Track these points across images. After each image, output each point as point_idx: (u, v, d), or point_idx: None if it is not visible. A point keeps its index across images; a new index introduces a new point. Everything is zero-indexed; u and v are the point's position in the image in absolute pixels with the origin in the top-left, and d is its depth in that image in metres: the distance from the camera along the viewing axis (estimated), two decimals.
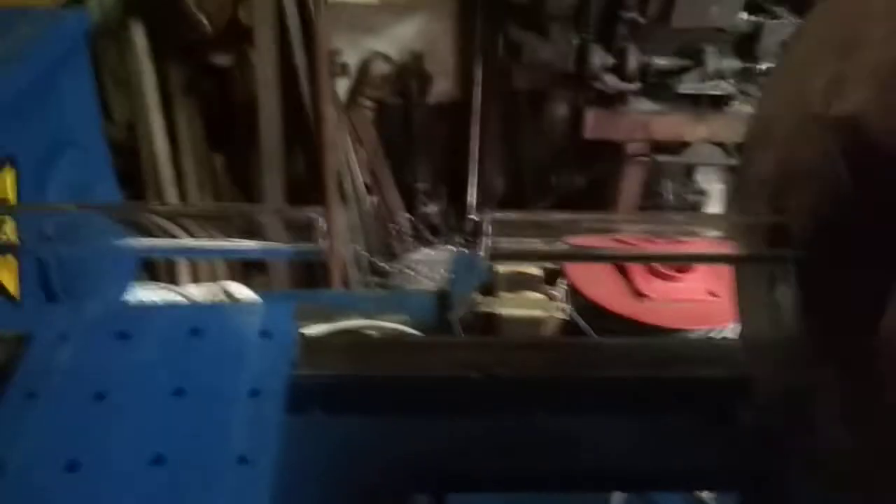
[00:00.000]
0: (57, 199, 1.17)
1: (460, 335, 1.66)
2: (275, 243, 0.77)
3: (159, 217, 0.79)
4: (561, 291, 1.72)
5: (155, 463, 0.64)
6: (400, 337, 1.61)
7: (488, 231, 0.62)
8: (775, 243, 0.61)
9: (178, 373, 0.72)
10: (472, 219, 3.16)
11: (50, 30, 1.19)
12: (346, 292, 2.84)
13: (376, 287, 3.02)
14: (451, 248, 3.14)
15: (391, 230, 3.15)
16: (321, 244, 0.67)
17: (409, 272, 3.06)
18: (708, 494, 1.26)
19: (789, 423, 0.68)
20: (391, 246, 3.16)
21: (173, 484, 0.63)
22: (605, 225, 0.71)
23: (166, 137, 2.88)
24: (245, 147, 2.97)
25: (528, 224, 0.69)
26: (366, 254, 3.05)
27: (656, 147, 2.75)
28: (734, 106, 2.64)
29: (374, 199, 3.11)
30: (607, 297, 1.66)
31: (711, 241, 0.73)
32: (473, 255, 0.69)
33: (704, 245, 0.75)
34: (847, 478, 0.60)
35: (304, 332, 0.86)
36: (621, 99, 2.63)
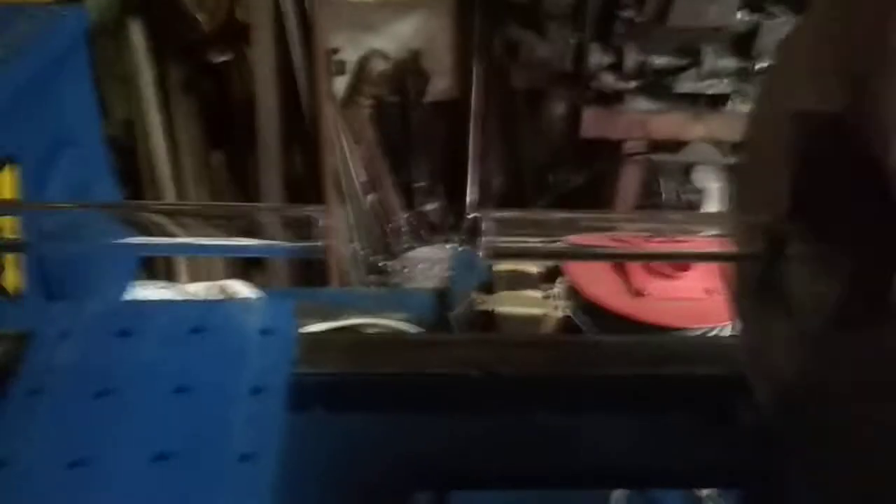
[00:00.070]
0: (57, 198, 1.17)
1: (460, 333, 1.67)
2: (275, 241, 0.77)
3: (159, 216, 0.79)
4: (560, 290, 1.73)
5: (158, 460, 0.64)
6: (400, 335, 1.61)
7: (487, 230, 0.62)
8: (771, 241, 0.61)
9: (179, 370, 0.72)
10: (471, 217, 3.17)
11: (49, 27, 1.19)
12: (346, 290, 2.85)
13: (375, 285, 3.03)
14: (450, 247, 3.14)
15: (390, 228, 3.16)
16: (322, 243, 0.68)
17: (408, 270, 3.06)
18: (708, 492, 1.27)
19: (788, 422, 0.69)
20: (390, 244, 3.16)
21: (176, 481, 0.63)
22: (604, 224, 0.72)
23: (164, 135, 2.88)
24: (243, 145, 2.97)
25: (526, 223, 0.69)
26: (364, 252, 3.06)
27: (654, 146, 2.75)
28: (732, 105, 2.65)
29: (372, 197, 3.11)
30: (606, 295, 1.66)
31: (710, 240, 0.73)
32: (472, 253, 0.69)
33: (703, 244, 0.75)
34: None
35: (304, 330, 0.86)
36: (619, 98, 2.64)
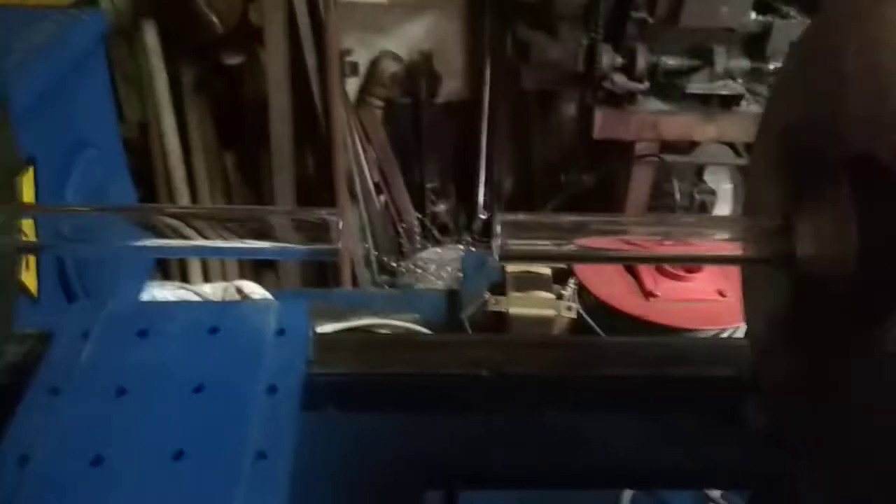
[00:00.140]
0: (75, 199, 1.19)
1: (471, 334, 1.68)
2: (289, 244, 0.78)
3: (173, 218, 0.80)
4: (571, 291, 1.74)
5: (176, 457, 0.65)
6: (411, 335, 1.62)
7: (500, 233, 0.63)
8: (781, 246, 0.62)
9: (197, 370, 0.73)
10: (482, 218, 3.18)
11: (68, 31, 1.21)
12: (357, 291, 2.86)
13: (386, 286, 3.04)
14: (461, 247, 3.15)
15: (401, 229, 3.17)
16: (339, 245, 0.69)
17: (419, 271, 3.07)
18: (717, 492, 1.27)
19: (795, 423, 0.69)
20: (401, 245, 3.17)
21: (193, 477, 0.64)
22: (615, 227, 0.72)
23: (178, 136, 2.90)
24: (256, 146, 2.99)
25: (539, 226, 0.70)
26: (376, 253, 3.07)
27: (665, 147, 2.75)
28: (743, 106, 2.65)
29: (383, 198, 3.12)
30: (616, 296, 1.67)
31: (720, 243, 0.74)
32: (483, 254, 0.70)
33: (713, 246, 0.75)
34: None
35: (316, 330, 0.88)
36: (630, 99, 2.64)
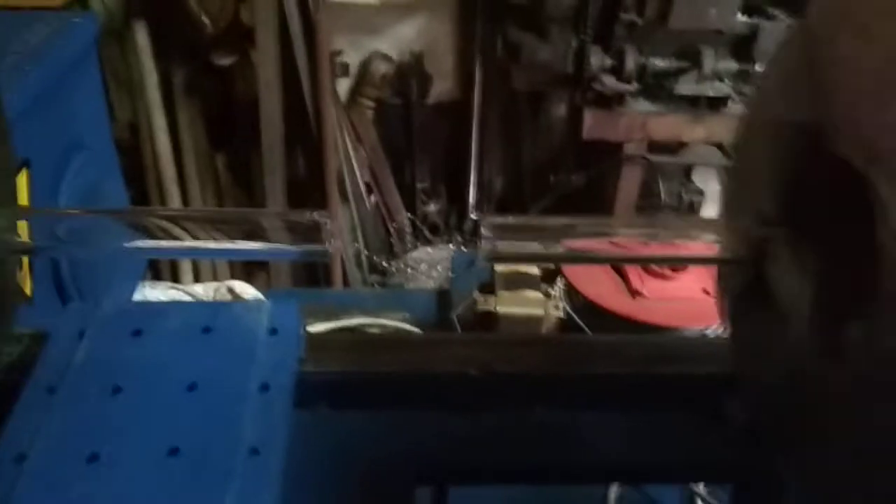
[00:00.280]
0: (68, 199, 1.20)
1: (460, 333, 1.69)
2: (280, 245, 0.79)
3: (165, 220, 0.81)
4: (559, 290, 1.75)
5: (170, 454, 0.67)
6: (401, 335, 1.64)
7: (486, 234, 0.65)
8: (758, 244, 0.64)
9: (190, 369, 0.75)
10: (473, 218, 3.19)
11: (62, 34, 1.22)
12: (348, 291, 2.87)
13: (377, 286, 3.05)
14: (451, 247, 3.16)
15: (391, 229, 3.18)
16: (329, 246, 0.70)
17: (410, 271, 3.08)
18: (703, 487, 1.29)
19: (775, 418, 0.71)
20: (392, 245, 3.18)
21: (188, 474, 0.66)
22: (602, 229, 0.74)
23: (169, 137, 2.91)
24: (246, 146, 3.00)
25: (523, 227, 0.72)
26: (367, 253, 3.08)
27: (654, 147, 2.77)
28: (731, 107, 2.67)
29: (374, 198, 3.13)
30: (604, 295, 1.69)
31: (703, 244, 0.76)
32: (473, 254, 0.71)
33: (696, 247, 0.77)
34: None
35: (308, 330, 0.89)
36: (619, 100, 2.65)
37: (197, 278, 2.88)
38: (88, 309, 0.82)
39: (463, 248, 3.10)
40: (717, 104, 2.66)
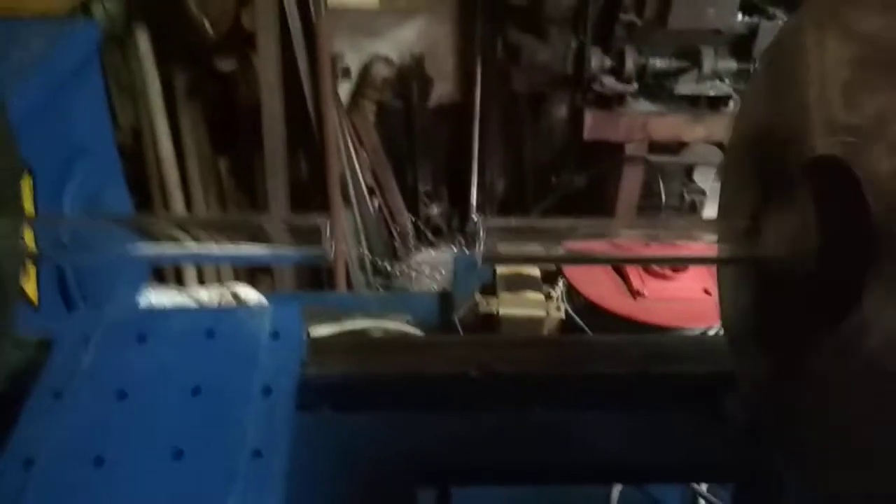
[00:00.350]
0: (72, 206, 1.21)
1: (462, 335, 1.70)
2: (281, 248, 0.80)
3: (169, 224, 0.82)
4: (560, 291, 1.76)
5: (175, 457, 0.68)
6: (403, 337, 1.65)
7: (483, 235, 0.66)
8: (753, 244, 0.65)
9: (194, 373, 0.76)
10: (475, 220, 3.20)
11: (64, 42, 1.23)
12: (351, 294, 2.88)
13: (380, 288, 3.06)
14: (454, 249, 3.17)
15: (394, 232, 3.19)
16: (329, 249, 0.71)
17: (413, 273, 3.09)
18: (705, 486, 1.30)
19: (771, 418, 0.72)
20: (394, 247, 3.19)
21: (193, 476, 0.67)
22: (593, 230, 0.75)
23: (171, 141, 2.92)
24: (249, 150, 3.01)
25: (525, 229, 0.73)
26: (369, 255, 3.09)
27: (655, 147, 2.78)
28: (731, 106, 2.67)
29: (376, 200, 3.14)
30: (605, 296, 1.70)
31: (705, 244, 0.76)
32: (475, 256, 0.72)
33: (698, 247, 0.78)
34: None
35: (311, 332, 0.90)
36: (619, 100, 2.66)
37: (201, 282, 2.89)
38: (93, 315, 0.83)
39: (465, 249, 3.10)
40: (717, 103, 2.67)
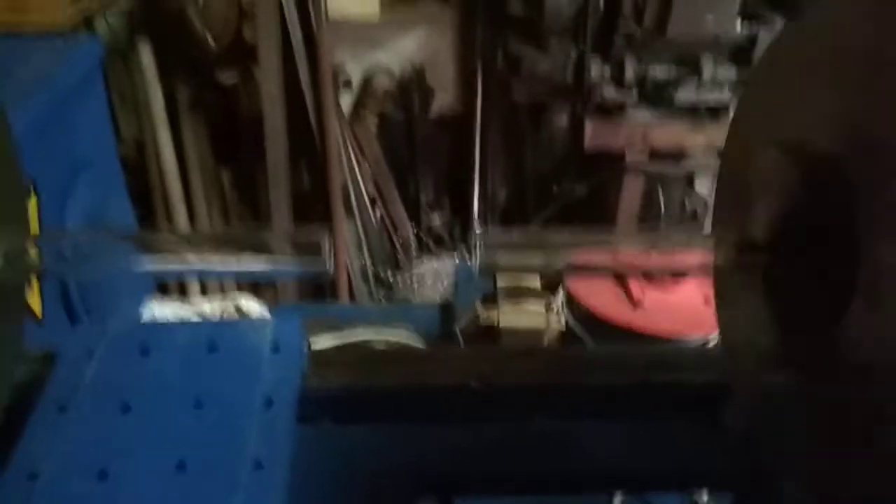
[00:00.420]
0: (75, 218, 1.22)
1: (463, 346, 1.70)
2: (282, 262, 0.81)
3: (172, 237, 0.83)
4: (560, 301, 1.77)
5: (178, 469, 0.69)
6: (403, 349, 1.65)
7: (482, 248, 0.66)
8: (746, 253, 0.66)
9: (196, 386, 0.77)
10: (476, 231, 3.20)
11: (67, 58, 1.25)
12: (353, 305, 2.89)
13: (382, 299, 3.06)
14: (456, 259, 3.17)
15: (396, 242, 3.19)
16: (326, 264, 0.72)
17: (415, 283, 3.10)
18: (705, 494, 1.30)
19: (769, 426, 0.72)
20: (397, 258, 3.20)
21: (195, 488, 0.68)
22: (586, 241, 0.75)
23: (174, 154, 2.94)
24: (251, 162, 3.02)
25: (525, 243, 0.73)
26: (371, 266, 3.09)
27: (655, 155, 2.78)
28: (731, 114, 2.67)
29: (378, 211, 3.15)
30: (605, 306, 1.70)
31: (703, 253, 0.77)
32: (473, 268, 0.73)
33: (696, 256, 0.78)
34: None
35: (312, 344, 0.91)
36: (620, 109, 2.67)
37: (204, 294, 2.90)
38: (97, 328, 0.84)
39: (468, 260, 3.11)
40: (717, 111, 2.67)
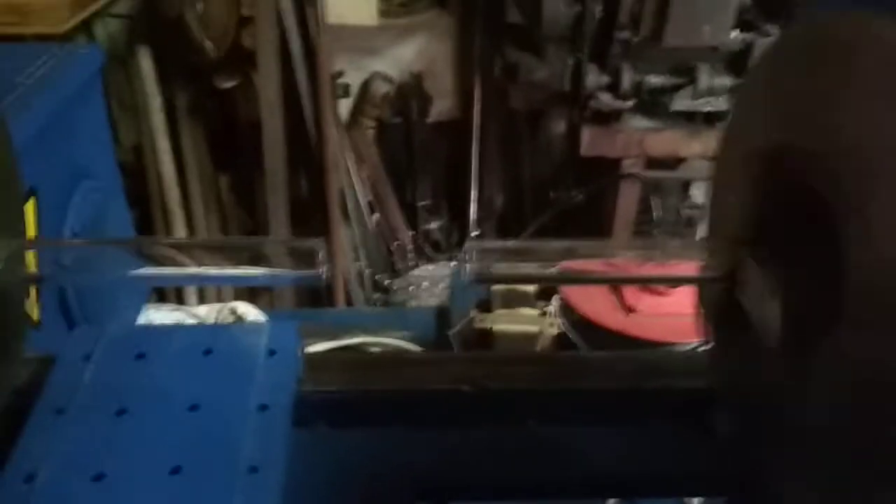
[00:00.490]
0: (74, 225, 1.23)
1: (458, 351, 1.71)
2: (278, 270, 0.82)
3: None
4: (555, 307, 1.78)
5: (173, 473, 0.69)
6: (398, 353, 1.66)
7: (473, 257, 0.67)
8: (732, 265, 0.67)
9: (192, 390, 0.77)
10: (472, 237, 3.22)
11: (66, 65, 1.26)
12: (350, 310, 2.90)
13: (379, 304, 3.07)
14: (453, 265, 3.19)
15: (394, 247, 3.20)
16: (321, 272, 0.73)
17: (412, 289, 3.10)
18: (697, 500, 1.31)
19: (755, 431, 0.73)
20: (394, 263, 3.21)
21: (190, 492, 0.68)
22: (596, 251, 0.76)
23: (172, 159, 2.94)
24: (249, 168, 3.03)
25: (517, 251, 0.74)
26: (369, 271, 3.10)
27: (652, 163, 2.80)
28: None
29: (376, 216, 3.16)
30: (599, 312, 1.71)
31: (696, 263, 0.78)
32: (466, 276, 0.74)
33: (688, 266, 0.79)
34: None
35: (308, 349, 0.92)
36: (616, 117, 2.69)
37: (201, 299, 2.91)
38: (94, 333, 0.84)
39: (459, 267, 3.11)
40: (713, 119, 2.69)
